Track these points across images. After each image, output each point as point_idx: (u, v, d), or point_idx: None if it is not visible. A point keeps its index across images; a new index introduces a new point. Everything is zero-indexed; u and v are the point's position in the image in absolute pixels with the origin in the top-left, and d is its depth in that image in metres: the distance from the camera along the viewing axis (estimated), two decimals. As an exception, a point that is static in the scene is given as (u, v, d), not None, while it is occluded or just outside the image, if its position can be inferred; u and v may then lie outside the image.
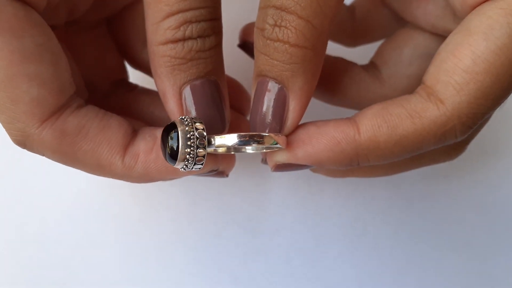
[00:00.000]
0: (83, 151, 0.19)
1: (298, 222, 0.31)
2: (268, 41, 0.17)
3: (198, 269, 0.30)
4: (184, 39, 0.17)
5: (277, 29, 0.17)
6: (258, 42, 0.18)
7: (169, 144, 0.18)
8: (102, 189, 0.30)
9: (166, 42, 0.18)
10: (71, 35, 0.23)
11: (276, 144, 0.18)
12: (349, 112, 0.23)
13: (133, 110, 0.25)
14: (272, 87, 0.18)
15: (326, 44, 0.18)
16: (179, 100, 0.19)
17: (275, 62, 0.17)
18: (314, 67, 0.18)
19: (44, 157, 0.19)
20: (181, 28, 0.17)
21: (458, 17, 0.20)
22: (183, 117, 0.18)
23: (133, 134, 0.20)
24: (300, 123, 0.20)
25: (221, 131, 0.20)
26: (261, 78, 0.18)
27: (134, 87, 0.26)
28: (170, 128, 0.18)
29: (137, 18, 0.25)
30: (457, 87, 0.17)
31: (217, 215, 0.31)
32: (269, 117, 0.19)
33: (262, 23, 0.17)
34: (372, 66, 0.26)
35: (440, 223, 0.31)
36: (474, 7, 0.18)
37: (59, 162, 0.19)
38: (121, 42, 0.25)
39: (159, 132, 0.20)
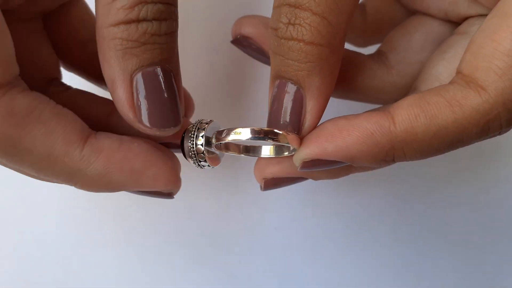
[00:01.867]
0: (32, 136, 0.16)
1: (296, 221, 0.31)
2: (282, 41, 0.16)
3: (197, 268, 0.30)
4: (138, 20, 0.16)
5: (291, 27, 0.16)
6: (272, 43, 0.17)
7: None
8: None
9: (117, 23, 0.16)
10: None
11: (288, 144, 0.18)
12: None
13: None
14: (289, 89, 0.17)
15: (343, 42, 0.17)
16: (129, 88, 0.17)
17: (290, 62, 0.17)
18: (331, 65, 0.17)
19: None
20: (136, 8, 0.16)
21: (479, 1, 0.19)
22: (192, 126, 0.18)
23: (91, 130, 0.18)
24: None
25: (173, 125, 0.18)
26: (277, 80, 0.18)
27: (68, 87, 0.24)
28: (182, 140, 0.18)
29: (74, 17, 0.23)
30: (499, 72, 0.16)
31: (217, 214, 0.31)
32: (286, 120, 0.18)
33: (275, 23, 0.17)
34: (379, 54, 0.24)
35: (438, 222, 0.31)
36: None
37: None
38: (57, 40, 0.24)
39: (123, 137, 0.19)
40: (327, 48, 0.16)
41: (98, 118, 0.22)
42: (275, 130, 0.17)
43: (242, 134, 0.17)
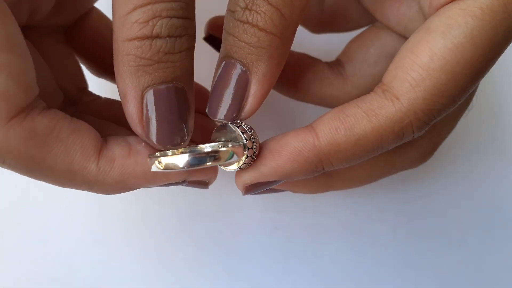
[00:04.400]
0: (53, 154, 0.17)
1: (296, 221, 0.31)
2: (237, 23, 0.17)
3: (197, 267, 0.30)
4: (152, 37, 0.16)
5: (247, 12, 0.17)
6: (227, 23, 0.18)
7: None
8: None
9: (132, 39, 0.16)
10: (31, 39, 0.21)
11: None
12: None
13: (97, 120, 0.23)
14: (236, 69, 0.18)
15: (293, 35, 0.18)
16: (139, 104, 0.17)
17: (242, 43, 0.17)
18: (280, 55, 0.18)
19: (3, 168, 0.17)
20: (150, 23, 0.16)
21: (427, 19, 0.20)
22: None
23: (103, 139, 0.19)
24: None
25: (179, 143, 0.18)
26: (226, 59, 0.18)
27: (98, 97, 0.25)
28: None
29: (98, 24, 0.24)
30: (413, 83, 0.17)
31: (217, 213, 0.31)
32: (228, 100, 0.18)
33: (233, 5, 0.17)
34: (337, 63, 0.25)
35: (437, 221, 0.32)
36: (438, 9, 0.18)
37: (21, 170, 0.17)
38: (85, 49, 0.24)
39: (130, 139, 0.19)
40: (279, 38, 0.17)
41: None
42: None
43: (178, 159, 0.17)
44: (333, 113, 0.19)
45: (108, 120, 0.22)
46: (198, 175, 0.20)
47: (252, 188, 0.20)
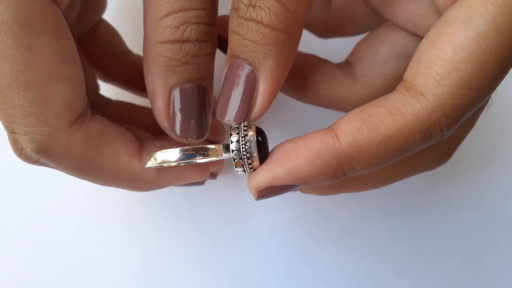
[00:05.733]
0: (105, 155, 0.19)
1: (296, 221, 0.31)
2: (242, 21, 0.17)
3: (198, 268, 0.30)
4: (182, 41, 0.18)
5: (251, 8, 0.17)
6: (232, 22, 0.17)
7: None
8: (103, 189, 0.31)
9: (164, 42, 0.18)
10: None
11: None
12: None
13: (122, 119, 0.25)
14: (243, 69, 0.17)
15: (301, 31, 0.18)
16: (167, 100, 0.19)
17: (248, 42, 0.17)
18: (287, 52, 0.17)
19: (55, 169, 0.19)
20: (181, 28, 0.18)
21: (441, 14, 0.19)
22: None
23: (139, 142, 0.21)
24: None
25: (201, 136, 0.20)
26: (233, 59, 0.18)
27: (109, 99, 0.26)
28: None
29: (107, 34, 0.26)
30: (438, 78, 0.16)
31: (217, 214, 0.31)
32: (237, 101, 0.18)
33: (237, 3, 0.17)
34: (346, 64, 0.25)
35: (437, 222, 0.32)
36: (455, 1, 0.18)
37: (74, 171, 0.19)
38: (96, 57, 0.25)
39: (162, 142, 0.21)
40: (285, 33, 0.17)
41: (143, 125, 0.25)
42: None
43: (171, 154, 0.19)
44: (355, 113, 0.17)
45: (120, 121, 0.24)
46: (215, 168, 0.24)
47: (265, 193, 0.19)
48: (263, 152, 0.18)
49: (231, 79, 0.18)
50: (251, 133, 0.18)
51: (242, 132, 0.18)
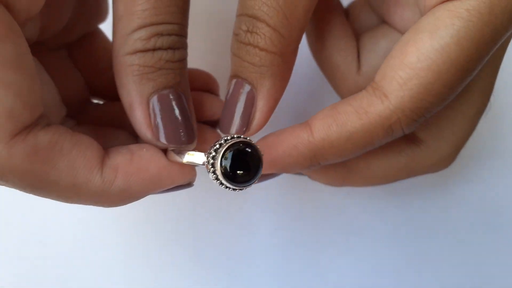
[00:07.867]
0: (57, 169, 0.17)
1: (296, 221, 0.31)
2: (241, 45, 0.19)
3: (198, 268, 0.30)
4: (154, 49, 0.18)
5: (249, 34, 0.18)
6: (233, 46, 0.19)
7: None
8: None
9: (135, 52, 0.18)
10: (37, 54, 0.21)
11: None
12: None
13: (107, 121, 0.24)
14: (243, 88, 0.19)
15: (295, 52, 0.19)
16: (146, 110, 0.18)
17: (246, 64, 0.19)
18: (282, 72, 0.19)
19: (5, 186, 0.17)
20: (152, 39, 0.18)
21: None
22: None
23: (104, 150, 0.19)
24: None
25: (188, 142, 0.19)
26: (234, 79, 0.19)
27: (97, 104, 0.25)
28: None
29: (96, 48, 0.25)
30: (401, 82, 0.18)
31: (217, 214, 0.31)
32: (238, 116, 0.20)
33: (237, 29, 0.19)
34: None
35: (438, 221, 0.32)
36: (429, 10, 0.19)
37: (25, 188, 0.17)
38: (80, 67, 0.25)
39: (131, 146, 0.19)
40: (279, 56, 0.19)
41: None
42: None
43: (196, 157, 0.18)
44: (327, 111, 0.20)
45: (109, 123, 0.23)
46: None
47: None
48: (235, 165, 0.18)
49: (233, 96, 0.20)
50: (223, 150, 0.18)
51: (219, 145, 0.18)
